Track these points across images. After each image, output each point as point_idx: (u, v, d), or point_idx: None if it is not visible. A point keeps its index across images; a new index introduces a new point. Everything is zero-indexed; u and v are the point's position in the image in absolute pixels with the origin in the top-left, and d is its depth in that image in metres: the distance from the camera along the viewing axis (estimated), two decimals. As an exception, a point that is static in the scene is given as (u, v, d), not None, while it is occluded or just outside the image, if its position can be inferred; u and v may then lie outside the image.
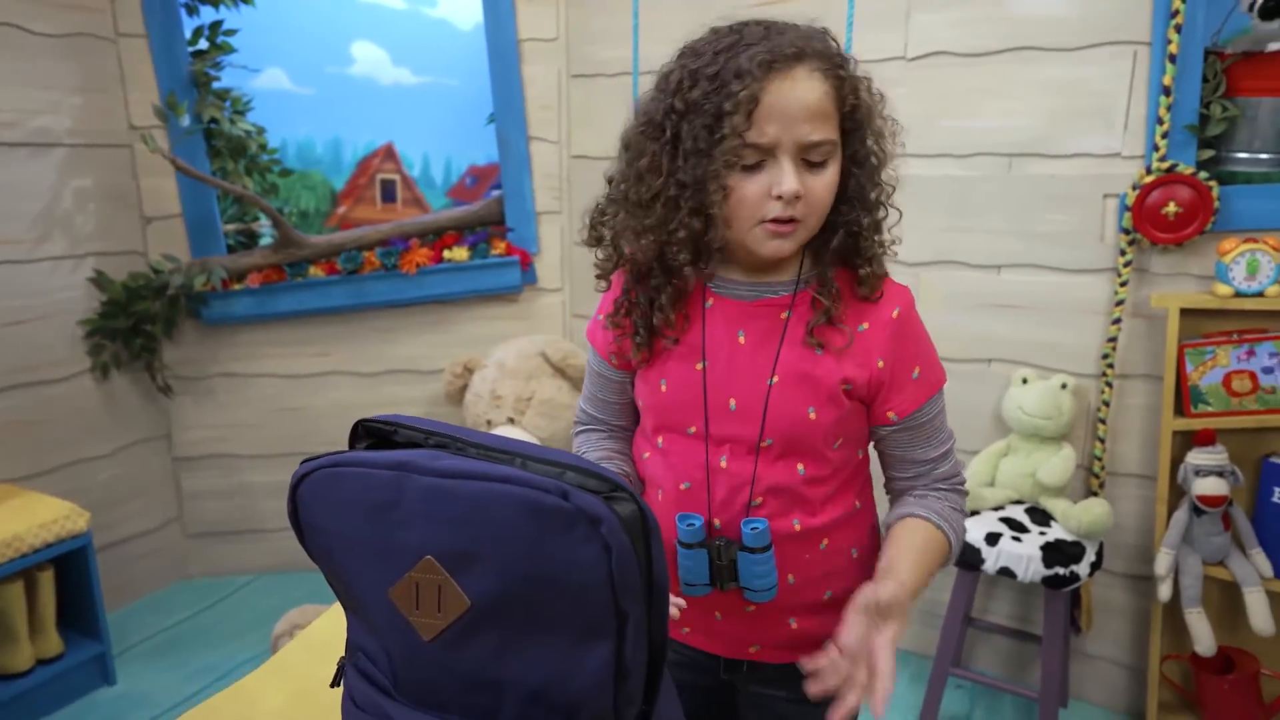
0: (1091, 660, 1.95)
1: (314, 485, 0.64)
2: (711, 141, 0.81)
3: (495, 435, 0.74)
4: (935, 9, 1.85)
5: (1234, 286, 1.59)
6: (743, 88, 0.79)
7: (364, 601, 0.65)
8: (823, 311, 0.88)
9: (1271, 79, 1.59)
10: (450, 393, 2.35)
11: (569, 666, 0.60)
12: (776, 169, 0.82)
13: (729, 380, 0.90)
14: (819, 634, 0.94)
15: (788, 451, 0.90)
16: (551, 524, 0.58)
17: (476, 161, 2.80)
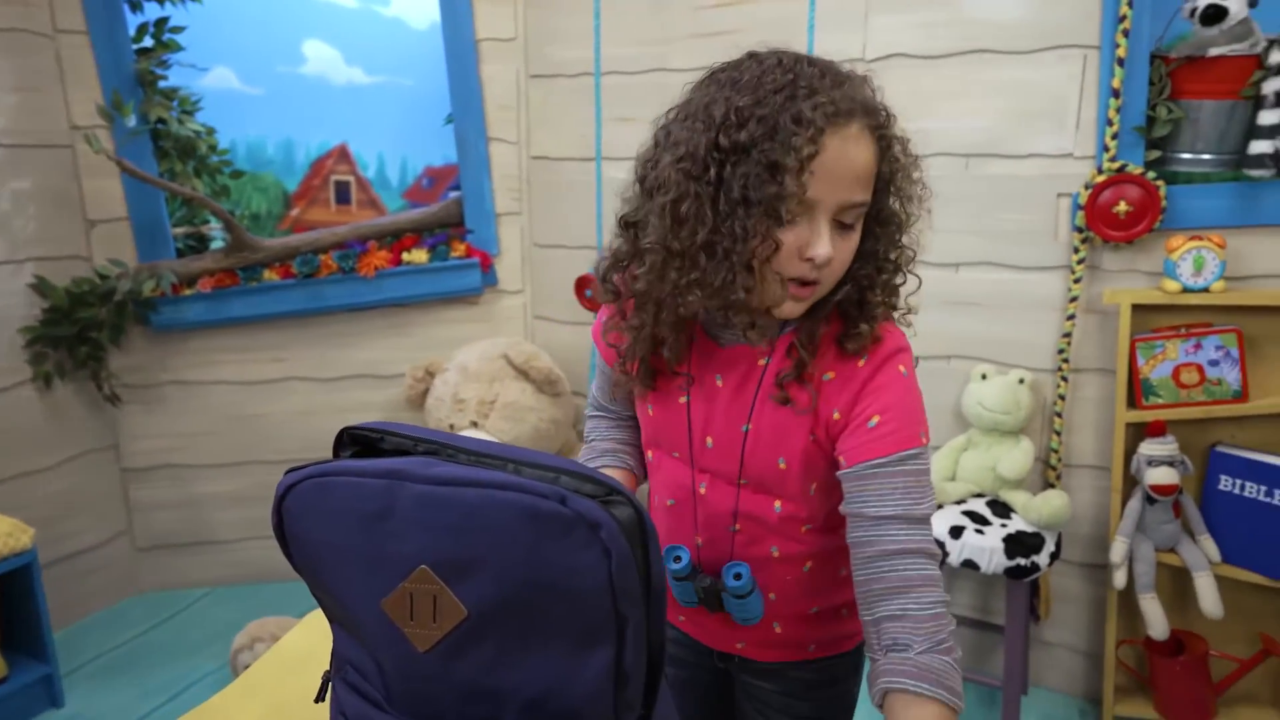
0: (1050, 648, 2.00)
1: (301, 496, 0.62)
2: (764, 193, 0.74)
3: (486, 440, 0.73)
4: (893, 12, 1.88)
5: (1181, 282, 1.64)
6: (805, 141, 0.73)
7: (354, 613, 0.63)
8: (795, 364, 0.84)
9: (1213, 82, 1.65)
10: (411, 397, 2.32)
11: (568, 673, 0.60)
12: (810, 228, 0.76)
13: (708, 421, 0.89)
14: (803, 638, 0.95)
15: (764, 490, 0.88)
16: (550, 530, 0.57)
17: (433, 162, 2.77)
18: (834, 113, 0.74)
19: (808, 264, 0.77)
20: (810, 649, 0.96)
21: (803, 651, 0.96)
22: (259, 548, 2.51)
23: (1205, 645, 1.77)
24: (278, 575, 2.53)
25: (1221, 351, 1.65)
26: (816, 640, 0.96)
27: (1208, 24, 1.62)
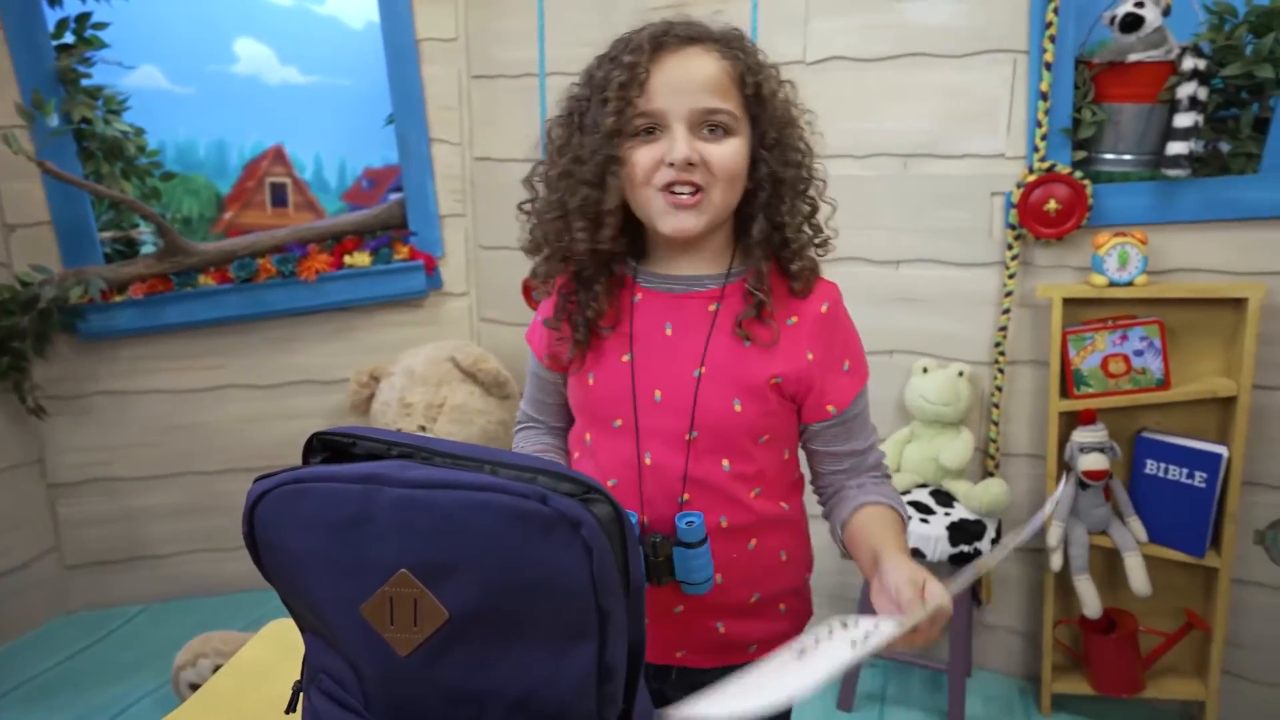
0: (991, 630, 2.08)
1: (274, 503, 0.61)
2: (605, 113, 0.84)
3: (460, 443, 0.73)
4: (832, 16, 1.92)
5: (1108, 277, 1.72)
6: (633, 59, 0.83)
7: (330, 621, 0.62)
8: (754, 305, 0.89)
9: (1132, 87, 1.74)
10: (356, 403, 2.28)
11: (551, 671, 0.60)
12: (670, 138, 0.84)
13: (656, 372, 0.91)
14: (745, 637, 0.96)
15: (713, 447, 0.90)
16: (531, 529, 0.58)
17: (372, 164, 2.72)
18: (662, 36, 0.85)
19: (673, 168, 0.84)
20: (751, 649, 0.97)
21: (744, 653, 0.96)
22: (197, 561, 2.44)
23: (1135, 622, 1.86)
24: (217, 589, 2.46)
25: (1145, 342, 1.74)
26: (757, 640, 0.96)
27: (1126, 31, 1.70)
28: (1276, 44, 1.61)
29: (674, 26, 0.87)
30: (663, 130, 0.85)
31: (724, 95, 0.85)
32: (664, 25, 0.87)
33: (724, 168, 0.85)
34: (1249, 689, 1.88)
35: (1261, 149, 1.68)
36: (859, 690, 2.02)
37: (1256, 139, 1.69)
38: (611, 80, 0.85)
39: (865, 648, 0.71)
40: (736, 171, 0.86)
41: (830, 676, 0.69)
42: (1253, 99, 1.71)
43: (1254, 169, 1.69)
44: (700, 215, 0.86)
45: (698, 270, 0.92)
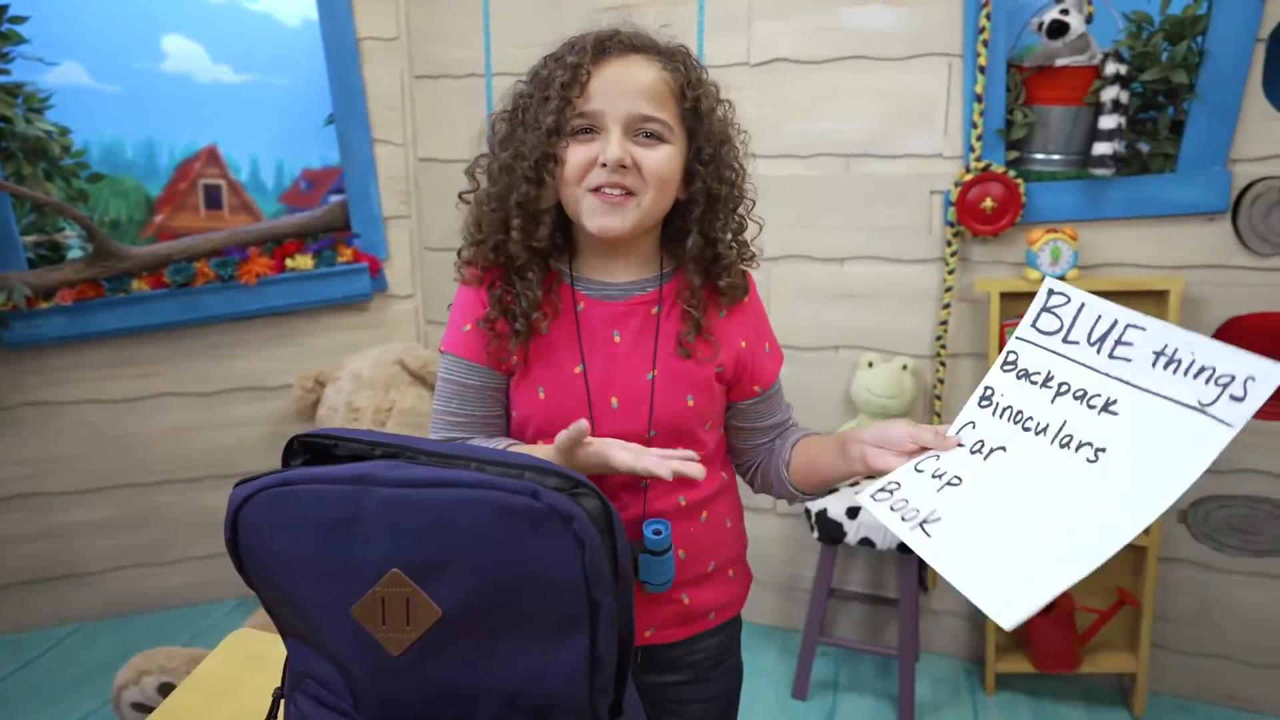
0: (936, 615, 2.15)
1: (259, 507, 0.61)
2: (544, 110, 0.86)
3: (443, 442, 0.72)
4: (775, 18, 1.96)
5: (1042, 271, 1.80)
6: (576, 60, 0.85)
7: (318, 624, 0.62)
8: (692, 324, 0.92)
9: (1059, 90, 1.82)
10: (301, 409, 2.23)
11: (543, 665, 0.61)
12: (605, 139, 0.86)
13: (609, 379, 0.92)
14: (705, 605, 0.99)
15: (670, 439, 0.92)
16: (523, 525, 0.58)
17: (311, 164, 2.66)
18: (605, 41, 0.87)
19: (603, 169, 0.85)
20: (710, 616, 1.01)
21: (705, 621, 1.00)
22: (132, 577, 2.35)
23: (1071, 601, 1.95)
24: (154, 605, 2.37)
25: (1077, 333, 1.82)
26: (715, 606, 1.01)
27: (1053, 37, 1.78)
28: (1189, 51, 1.71)
29: (620, 34, 0.89)
30: (599, 132, 0.86)
31: (661, 104, 0.87)
32: (611, 31, 0.89)
33: (655, 173, 0.86)
34: (1175, 659, 1.99)
35: (1178, 149, 1.78)
36: (813, 679, 2.06)
37: (1173, 140, 1.78)
38: (554, 79, 0.87)
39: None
40: (667, 178, 0.88)
41: None
42: (1168, 102, 1.81)
43: (1171, 168, 1.79)
44: (627, 217, 0.87)
45: (631, 275, 0.94)
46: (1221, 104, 1.72)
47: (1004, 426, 0.77)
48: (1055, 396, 0.75)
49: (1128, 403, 0.70)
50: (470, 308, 0.93)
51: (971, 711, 1.98)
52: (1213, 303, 1.80)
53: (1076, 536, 0.65)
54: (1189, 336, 0.68)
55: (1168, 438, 0.67)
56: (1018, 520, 0.69)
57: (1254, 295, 1.79)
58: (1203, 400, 0.66)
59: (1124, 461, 0.68)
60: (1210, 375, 0.66)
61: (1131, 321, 0.72)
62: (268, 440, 2.36)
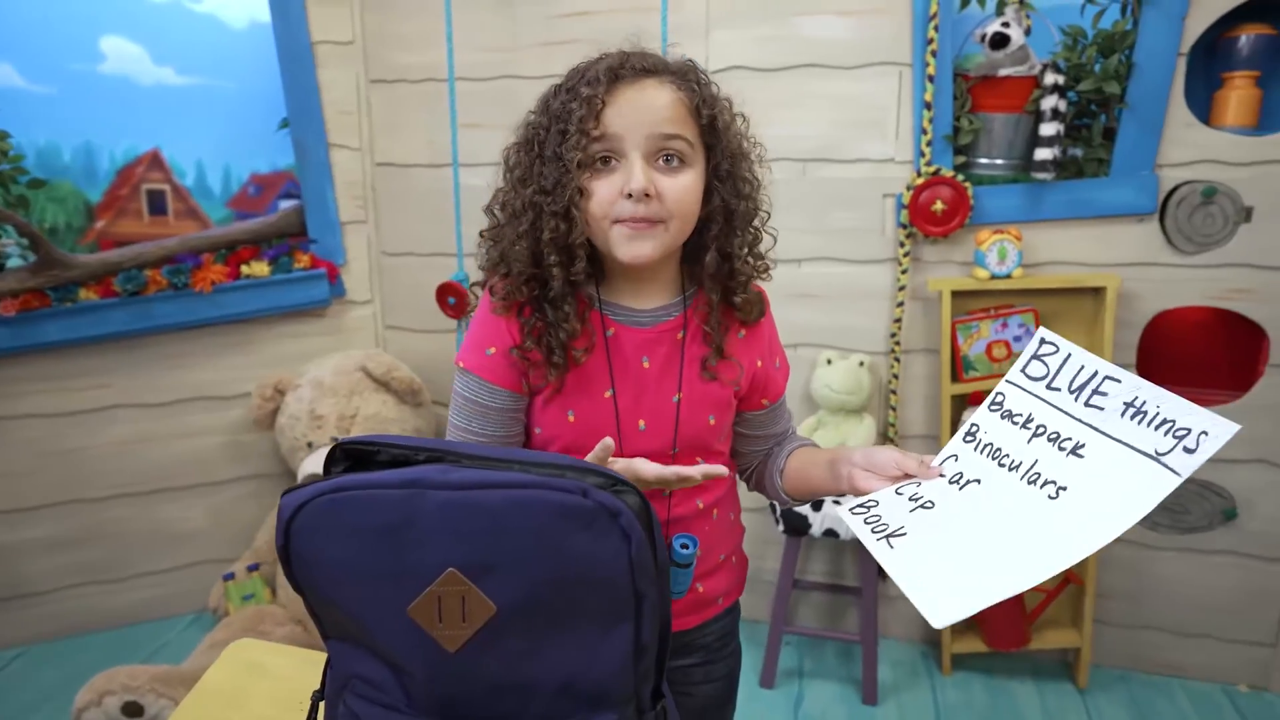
0: (893, 601, 2.24)
1: (313, 514, 0.62)
2: (565, 145, 0.85)
3: (479, 444, 0.75)
4: (732, 27, 2.02)
5: (990, 270, 1.90)
6: (590, 91, 0.85)
7: (371, 626, 0.64)
8: (714, 348, 0.95)
9: (1002, 98, 1.92)
10: (260, 417, 2.19)
11: (593, 654, 0.64)
12: (627, 168, 0.86)
13: (638, 403, 0.94)
14: (715, 591, 1.04)
15: (691, 453, 0.97)
16: (575, 523, 0.62)
17: (259, 169, 2.61)
18: (619, 69, 0.86)
19: (629, 200, 0.85)
20: (719, 601, 1.06)
21: (715, 606, 1.05)
22: (82, 596, 2.28)
23: (1020, 582, 2.06)
24: (107, 624, 2.31)
25: (1023, 328, 1.93)
26: (723, 591, 1.06)
27: (995, 48, 1.88)
28: (1120, 64, 1.83)
29: (630, 58, 0.89)
30: (619, 159, 0.86)
31: (680, 123, 0.87)
32: (620, 56, 0.89)
33: (680, 202, 0.87)
34: (1114, 633, 2.12)
35: (1110, 155, 1.89)
36: (779, 668, 2.12)
37: (1106, 146, 1.90)
38: (570, 113, 0.86)
39: None
40: (691, 205, 0.89)
41: None
42: (1100, 111, 1.93)
43: (1105, 172, 1.90)
44: (657, 242, 0.88)
45: (658, 300, 0.96)
46: (1149, 113, 1.84)
47: (983, 461, 0.81)
48: (1032, 437, 0.80)
49: (1094, 447, 0.76)
50: (497, 333, 0.92)
51: (930, 691, 2.07)
52: (1144, 298, 1.93)
53: (1018, 558, 0.70)
54: (1157, 392, 0.74)
55: (1123, 480, 0.72)
56: (972, 541, 0.74)
57: (1180, 290, 1.92)
58: (1159, 450, 0.71)
59: (1080, 499, 0.73)
60: (1170, 428, 0.71)
61: (1109, 374, 0.77)
62: (225, 450, 2.31)
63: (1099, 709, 2.00)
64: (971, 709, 2.01)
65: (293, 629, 2.10)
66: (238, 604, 2.19)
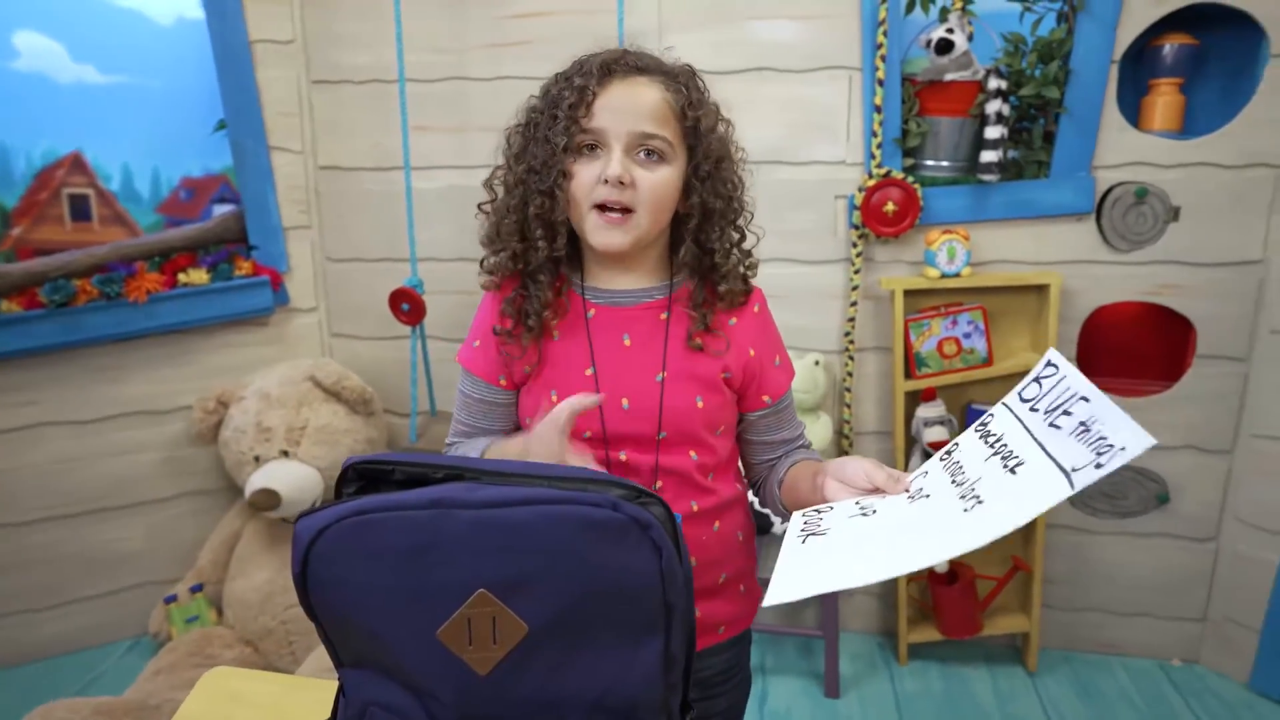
0: (850, 595, 2.28)
1: (336, 538, 0.60)
2: (555, 128, 0.90)
3: (495, 459, 0.73)
4: (686, 31, 2.03)
5: (940, 269, 1.96)
6: (583, 82, 0.90)
7: (394, 652, 0.62)
8: (699, 321, 0.97)
9: (948, 102, 1.98)
10: (201, 431, 2.10)
11: (624, 668, 0.63)
12: (607, 156, 0.90)
13: (620, 381, 0.96)
14: (715, 618, 1.03)
15: (681, 441, 0.97)
16: (606, 536, 0.61)
17: (191, 173, 2.51)
18: (613, 64, 0.92)
19: (606, 186, 0.90)
20: (720, 630, 1.04)
21: (715, 635, 1.04)
22: (8, 626, 2.14)
23: (972, 571, 2.13)
24: (34, 655, 2.18)
25: (972, 325, 1.99)
26: (725, 620, 1.04)
27: (940, 53, 1.94)
28: (1059, 70, 1.90)
29: (627, 55, 0.94)
30: (603, 149, 0.91)
31: (662, 123, 0.91)
32: (619, 53, 0.94)
33: (652, 193, 0.91)
34: (1058, 616, 2.21)
35: (1050, 157, 1.97)
36: (742, 665, 2.14)
37: (1046, 149, 1.98)
38: (563, 99, 0.91)
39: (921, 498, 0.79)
40: (663, 198, 0.93)
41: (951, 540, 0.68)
42: (1039, 115, 2.00)
43: (1045, 174, 1.98)
44: (626, 234, 0.92)
45: (640, 284, 0.99)
46: (1085, 117, 1.92)
47: (944, 478, 0.80)
48: (991, 455, 0.78)
49: (1030, 465, 0.72)
50: (482, 321, 0.99)
51: (889, 681, 2.12)
52: (1083, 295, 2.01)
53: (878, 554, 0.70)
54: (1115, 414, 0.68)
55: (1023, 488, 0.69)
56: (860, 540, 0.74)
57: (1116, 287, 2.01)
58: (1075, 466, 0.67)
59: (981, 511, 0.70)
60: (1099, 444, 0.67)
61: (1084, 394, 0.72)
62: (163, 467, 2.21)
63: (1047, 690, 2.08)
64: (929, 697, 2.06)
65: (242, 650, 2.03)
66: (181, 627, 2.10)
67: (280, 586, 2.01)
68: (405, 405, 2.31)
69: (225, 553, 2.18)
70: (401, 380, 2.29)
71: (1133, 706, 2.02)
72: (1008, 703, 2.04)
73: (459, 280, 2.23)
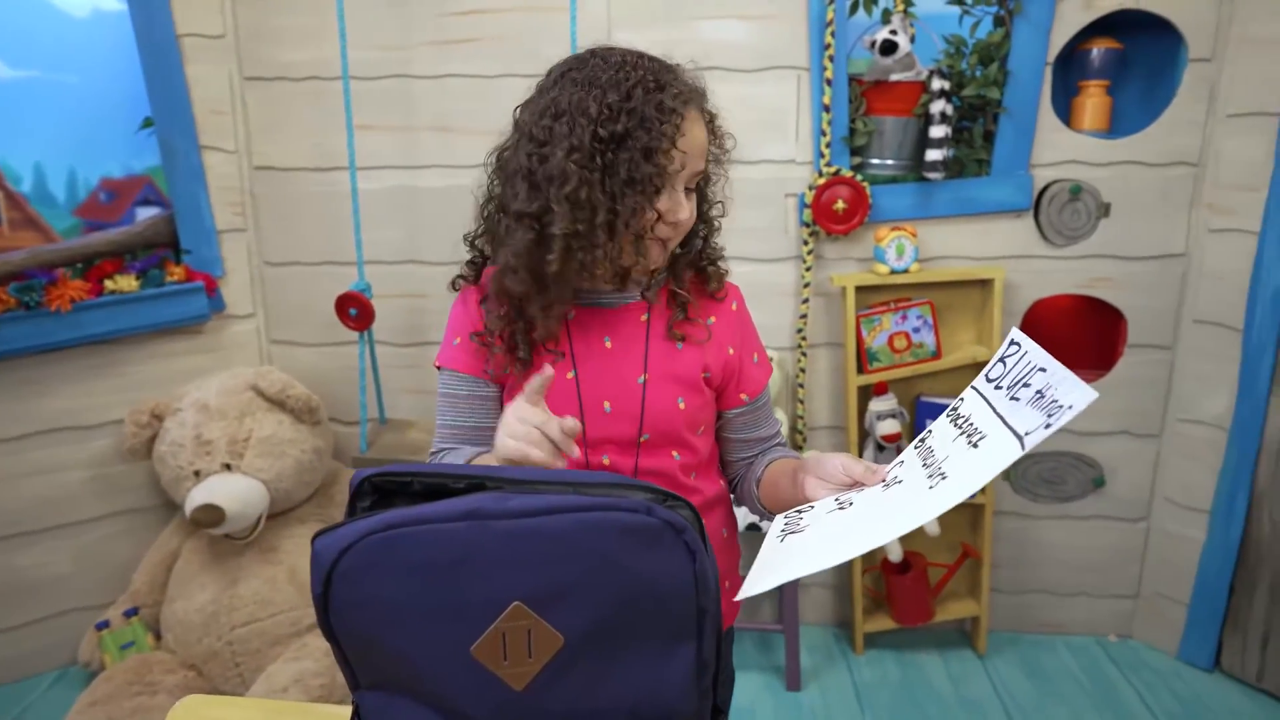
0: (806, 588, 2.31)
1: (362, 555, 0.57)
2: (643, 173, 0.85)
3: (516, 467, 0.70)
4: (634, 29, 2.02)
5: (889, 265, 2.00)
6: (671, 127, 0.86)
7: (427, 670, 0.59)
8: (680, 306, 0.97)
9: (893, 102, 2.02)
10: (134, 447, 1.99)
11: (658, 676, 0.62)
12: (671, 197, 0.89)
13: (601, 383, 0.95)
14: None
15: (663, 442, 0.97)
16: (641, 541, 0.60)
17: (112, 173, 2.37)
18: (685, 100, 0.89)
19: (672, 226, 0.90)
20: None
21: None
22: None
23: (924, 560, 2.18)
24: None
25: (921, 320, 2.04)
26: None
27: (885, 54, 1.98)
28: (998, 72, 1.97)
29: (679, 83, 0.91)
30: (663, 182, 0.88)
31: (706, 158, 0.93)
32: (662, 70, 0.91)
33: (690, 224, 0.93)
34: (1005, 599, 2.28)
35: (990, 156, 2.04)
36: (703, 663, 2.15)
37: (986, 148, 2.04)
38: (651, 141, 0.85)
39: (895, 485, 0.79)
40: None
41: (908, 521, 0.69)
42: (979, 114, 2.07)
43: (986, 172, 2.05)
44: (668, 253, 0.95)
45: (624, 285, 0.97)
46: (1023, 117, 1.99)
47: (916, 463, 0.81)
48: (958, 435, 0.78)
49: (990, 438, 0.73)
50: (460, 322, 0.96)
51: (846, 671, 2.16)
52: (1023, 288, 2.09)
53: (837, 539, 0.71)
54: (1065, 375, 0.69)
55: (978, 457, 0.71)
56: (839, 531, 0.73)
57: (1053, 280, 2.09)
58: (1027, 430, 0.69)
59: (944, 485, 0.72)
60: (1050, 406, 0.68)
61: (1041, 364, 0.73)
62: (91, 485, 2.08)
63: (997, 671, 2.15)
64: (886, 685, 2.11)
65: (185, 675, 1.93)
66: (116, 655, 1.99)
67: (225, 606, 1.92)
68: (351, 413, 2.24)
69: (162, 573, 2.07)
70: (346, 387, 2.21)
71: (1077, 683, 2.11)
72: (961, 686, 2.10)
73: (406, 283, 2.18)
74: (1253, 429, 1.99)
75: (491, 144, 0.97)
